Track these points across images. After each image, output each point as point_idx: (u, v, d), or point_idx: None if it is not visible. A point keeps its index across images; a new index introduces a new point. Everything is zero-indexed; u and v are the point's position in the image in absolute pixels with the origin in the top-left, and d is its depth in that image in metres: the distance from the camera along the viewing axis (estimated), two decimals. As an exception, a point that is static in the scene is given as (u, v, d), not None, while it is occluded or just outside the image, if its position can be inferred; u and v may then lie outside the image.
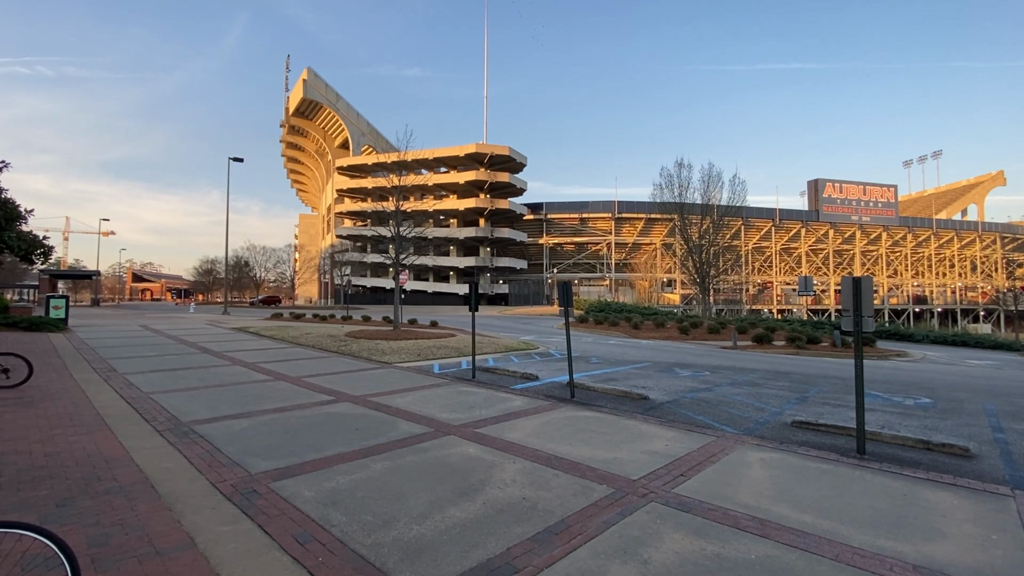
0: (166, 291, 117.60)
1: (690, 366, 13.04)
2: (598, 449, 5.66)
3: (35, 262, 13.33)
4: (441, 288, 64.27)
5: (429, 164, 64.57)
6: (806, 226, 74.69)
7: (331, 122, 74.82)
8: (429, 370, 11.36)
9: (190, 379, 9.74)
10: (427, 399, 8.20)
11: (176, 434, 6.03)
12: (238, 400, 7.94)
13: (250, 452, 5.36)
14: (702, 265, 26.07)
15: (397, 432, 6.21)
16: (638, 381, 10.43)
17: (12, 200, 12.66)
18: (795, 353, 17.71)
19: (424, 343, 15.72)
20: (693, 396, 8.95)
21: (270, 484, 4.48)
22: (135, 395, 8.20)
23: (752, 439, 6.23)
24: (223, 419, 6.77)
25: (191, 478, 4.61)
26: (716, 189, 26.98)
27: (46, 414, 6.74)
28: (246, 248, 65.98)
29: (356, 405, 7.70)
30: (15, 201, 12.81)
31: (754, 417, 7.50)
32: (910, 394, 9.65)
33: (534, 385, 9.72)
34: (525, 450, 5.56)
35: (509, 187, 63.83)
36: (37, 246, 12.78)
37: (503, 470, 4.92)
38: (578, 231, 73.31)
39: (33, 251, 12.74)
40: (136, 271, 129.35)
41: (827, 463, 5.35)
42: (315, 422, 6.66)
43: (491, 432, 6.27)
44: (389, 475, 4.74)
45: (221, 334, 19.30)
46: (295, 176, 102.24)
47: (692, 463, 5.24)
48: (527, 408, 7.69)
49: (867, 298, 5.73)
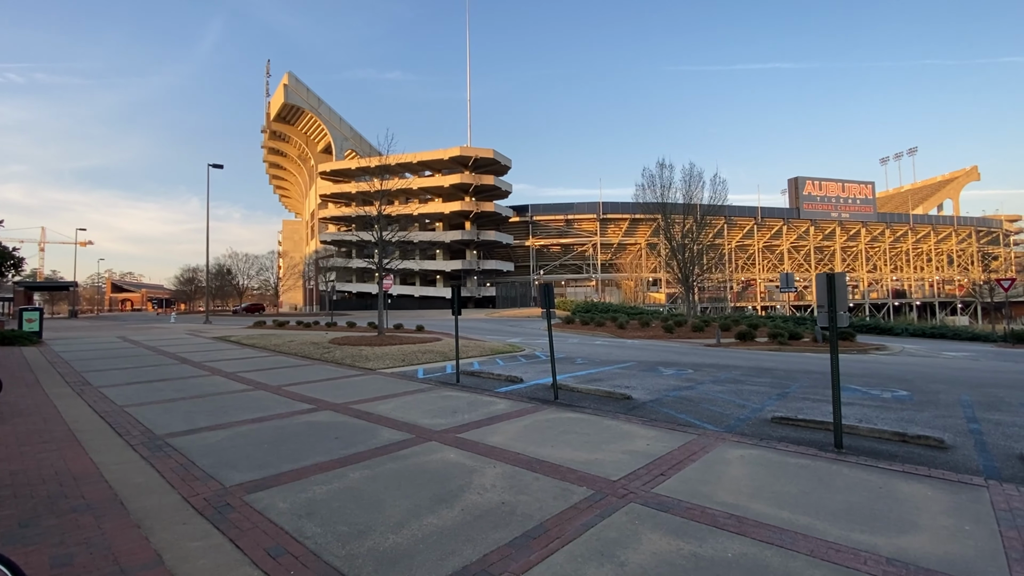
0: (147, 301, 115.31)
1: (674, 364, 13.12)
2: (579, 451, 5.64)
3: (5, 275, 12.95)
4: (428, 292, 63.97)
5: (413, 168, 64.31)
6: (787, 223, 75.89)
7: (313, 127, 74.18)
8: (413, 375, 11.28)
9: (167, 391, 9.53)
10: (410, 405, 8.13)
11: (149, 448, 5.88)
12: (215, 411, 7.79)
13: (225, 464, 5.25)
14: (685, 264, 26.33)
15: (377, 440, 6.13)
16: (622, 381, 10.46)
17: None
18: (777, 349, 17.94)
19: (409, 348, 15.61)
20: (676, 395, 9.00)
21: (244, 497, 4.39)
22: (109, 409, 8.00)
23: (732, 436, 6.27)
24: (199, 431, 6.63)
25: (162, 493, 4.49)
26: (697, 189, 27.32)
27: (15, 430, 6.53)
28: (228, 256, 65.01)
29: (337, 413, 7.59)
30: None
31: (735, 414, 7.56)
32: (888, 387, 9.81)
33: (518, 388, 9.69)
34: (506, 454, 5.53)
35: (494, 190, 63.84)
36: (6, 258, 12.43)
37: (483, 475, 4.88)
38: (564, 232, 73.58)
39: (3, 263, 12.39)
40: (115, 281, 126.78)
41: (805, 458, 5.40)
42: (294, 432, 6.55)
43: (473, 437, 6.23)
44: (367, 484, 4.68)
45: (201, 344, 18.96)
46: (278, 182, 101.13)
47: (672, 462, 5.25)
48: (510, 411, 7.66)
49: (841, 294, 5.80)
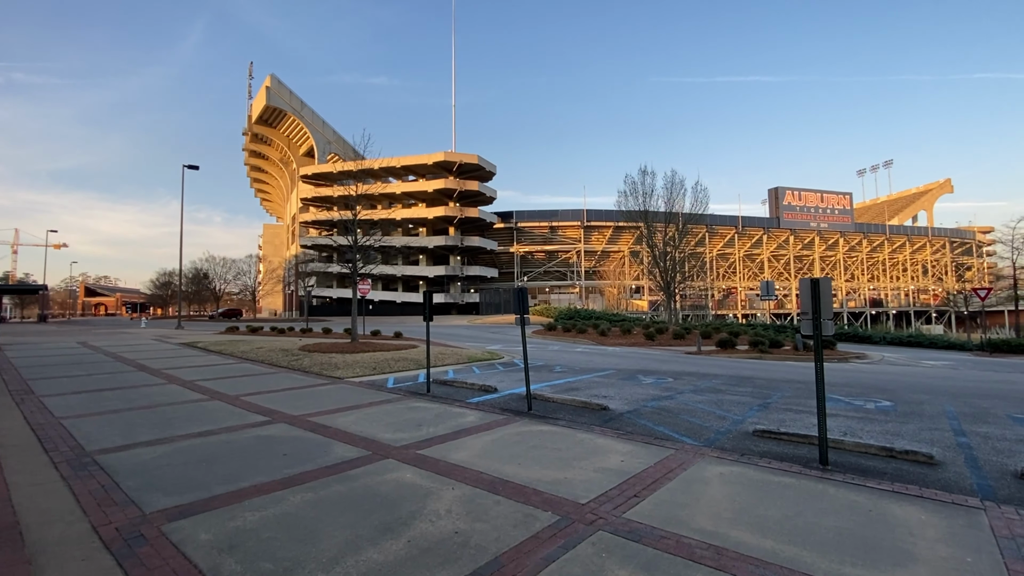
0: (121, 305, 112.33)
1: (654, 373, 12.80)
2: (548, 468, 5.22)
3: None
4: (410, 298, 63.21)
5: (397, 172, 63.71)
6: (768, 233, 76.92)
7: (296, 130, 73.15)
8: (383, 385, 10.75)
9: (114, 401, 8.87)
10: (372, 417, 7.62)
11: (73, 466, 5.30)
12: (161, 423, 7.19)
13: (152, 486, 4.70)
14: (667, 271, 26.20)
15: (329, 457, 5.63)
16: (600, 390, 10.08)
17: None
18: (758, 357, 17.78)
19: (382, 355, 15.05)
20: (654, 405, 8.64)
21: (163, 526, 3.86)
22: (44, 421, 7.35)
23: (712, 451, 5.90)
24: (135, 446, 6.05)
25: (71, 521, 3.95)
26: (679, 196, 27.29)
27: (-77, 448, 5.88)
28: (205, 259, 63.43)
29: (291, 427, 7.06)
30: None
31: (715, 426, 7.21)
32: (870, 397, 9.59)
33: (491, 398, 9.25)
34: (468, 473, 5.08)
35: (479, 196, 63.52)
36: None
37: (439, 498, 4.42)
38: (548, 239, 73.56)
39: None
40: (89, 285, 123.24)
41: (789, 476, 5.05)
42: (240, 447, 6.01)
43: (435, 453, 5.76)
44: (307, 509, 4.18)
45: (165, 350, 18.12)
46: (259, 185, 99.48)
47: (648, 481, 4.85)
48: (480, 424, 7.20)
49: (826, 300, 5.50)
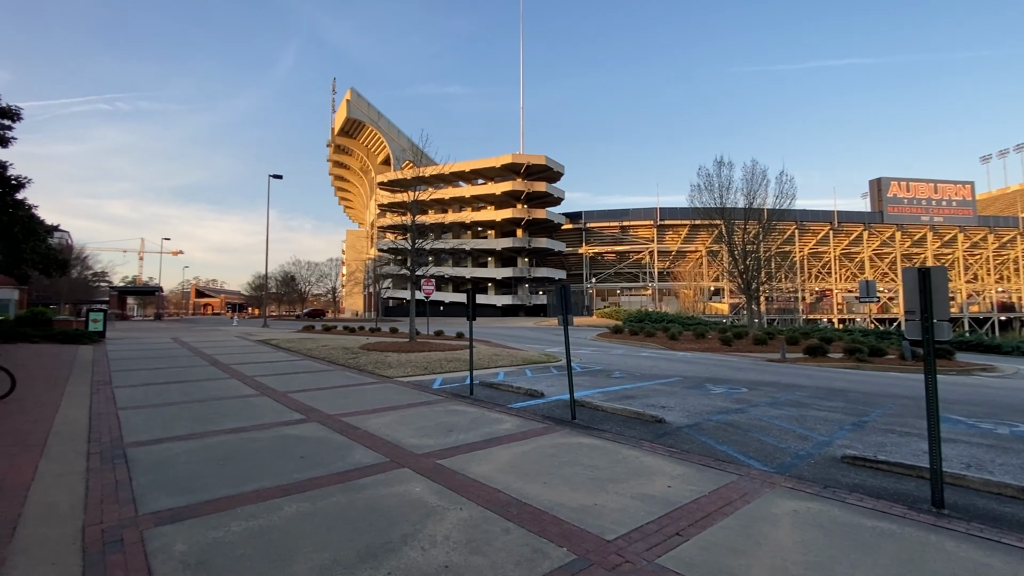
0: (225, 306, 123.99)
1: (725, 382, 11.45)
2: (577, 491, 4.47)
3: (52, 275, 13.57)
4: (479, 299, 63.71)
5: (466, 176, 64.76)
6: (868, 228, 69.28)
7: (374, 140, 76.79)
8: (429, 385, 10.44)
9: (173, 394, 9.25)
10: (405, 420, 7.24)
11: (103, 459, 5.34)
12: (203, 418, 7.27)
13: (159, 485, 4.55)
14: (746, 271, 23.98)
15: (345, 462, 5.26)
16: (659, 399, 9.06)
17: (36, 216, 12.95)
18: (855, 367, 15.56)
19: (436, 355, 14.86)
20: (720, 419, 7.53)
21: (147, 530, 3.62)
22: (104, 411, 7.72)
23: (786, 480, 4.84)
24: (168, 440, 6.07)
25: (66, 517, 3.83)
26: (761, 188, 24.84)
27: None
28: (292, 263, 68.18)
29: (321, 426, 6.84)
30: (39, 217, 13.11)
31: (793, 448, 6.05)
32: (1003, 419, 7.79)
33: (535, 404, 8.58)
34: (483, 491, 4.46)
35: (546, 196, 62.91)
36: (53, 261, 12.99)
37: (441, 520, 3.84)
38: (619, 240, 71.31)
39: (50, 265, 12.95)
40: (199, 287, 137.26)
41: (889, 520, 3.93)
42: (263, 447, 5.83)
43: (455, 464, 5.21)
44: (296, 523, 3.78)
45: (242, 347, 19.25)
46: (342, 193, 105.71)
47: (697, 515, 3.97)
48: (515, 432, 6.57)
49: (940, 296, 4.28)
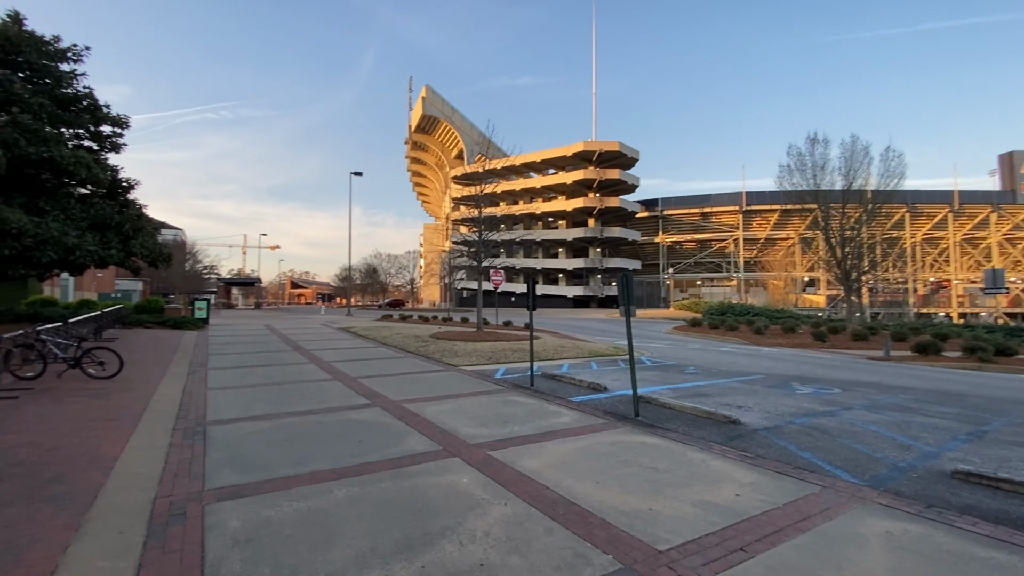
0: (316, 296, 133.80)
1: (815, 381, 10.37)
2: (632, 493, 4.15)
3: (158, 266, 15.22)
4: (549, 291, 63.56)
5: (537, 167, 64.46)
6: (998, 210, 60.17)
7: (448, 135, 78.65)
8: (491, 375, 10.42)
9: (257, 376, 9.96)
10: (463, 409, 7.22)
11: (185, 435, 5.80)
12: (278, 400, 7.73)
13: (228, 462, 4.84)
14: (845, 260, 21.68)
15: (399, 448, 5.30)
16: (735, 398, 8.36)
17: (144, 214, 14.59)
18: (976, 367, 13.50)
19: (502, 345, 14.87)
20: (805, 422, 6.76)
21: (207, 505, 3.82)
22: (195, 390, 8.46)
23: (880, 495, 4.19)
24: (244, 420, 6.48)
25: (141, 489, 4.14)
26: (862, 167, 22.25)
27: (102, 405, 7.05)
28: (374, 256, 71.89)
29: (383, 411, 6.99)
30: (147, 215, 14.77)
31: (892, 459, 5.26)
32: None
33: (598, 398, 8.24)
34: (531, 486, 4.27)
35: (620, 184, 61.02)
36: (159, 254, 14.56)
37: (484, 515, 3.71)
38: (700, 227, 67.66)
39: (157, 258, 14.54)
40: (294, 279, 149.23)
41: (1007, 551, 3.24)
42: (325, 430, 6.04)
43: (506, 457, 5.06)
44: (343, 507, 3.82)
45: (325, 334, 20.51)
46: (419, 188, 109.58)
47: (767, 529, 3.52)
48: (572, 427, 6.32)
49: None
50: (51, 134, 11.18)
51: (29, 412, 6.48)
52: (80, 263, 12.05)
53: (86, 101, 13.06)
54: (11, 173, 11.22)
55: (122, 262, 13.37)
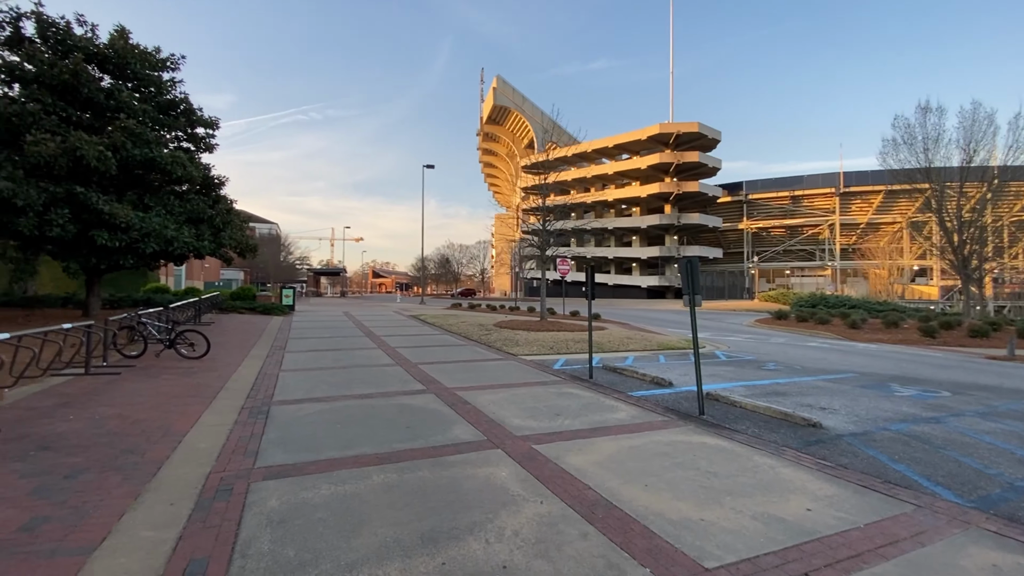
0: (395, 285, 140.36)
1: (919, 382, 9.08)
2: (683, 499, 3.76)
3: (245, 256, 16.47)
4: (622, 280, 61.82)
5: (609, 152, 62.60)
6: None
7: (519, 125, 78.53)
8: (550, 365, 10.18)
9: (326, 359, 10.45)
10: (515, 399, 7.06)
11: (251, 413, 6.14)
12: (341, 383, 8.02)
13: (281, 442, 5.02)
14: (962, 246, 18.94)
15: (443, 437, 5.25)
16: (819, 399, 7.50)
17: (233, 208, 15.87)
18: None
19: (564, 335, 14.55)
20: (902, 429, 5.88)
21: (253, 483, 3.96)
22: (270, 372, 9.01)
23: (989, 520, 3.48)
24: (307, 401, 6.77)
25: (200, 464, 4.38)
26: (986, 138, 19.22)
27: (187, 383, 7.68)
28: (446, 247, 73.87)
29: (436, 398, 7.01)
30: (236, 208, 16.05)
31: (1008, 476, 4.39)
32: None
33: (660, 393, 7.73)
34: (573, 485, 4.01)
35: (699, 167, 57.67)
36: (246, 245, 15.79)
37: (517, 512, 3.51)
38: (789, 212, 62.50)
39: (244, 249, 15.77)
40: (375, 269, 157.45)
41: None
42: (378, 414, 6.14)
43: (551, 451, 4.83)
44: (377, 494, 3.79)
45: (396, 321, 21.28)
46: (491, 180, 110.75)
47: (843, 553, 3.01)
48: (628, 423, 5.94)
49: None
50: (152, 136, 12.41)
51: (125, 387, 7.19)
52: (178, 253, 13.37)
53: (182, 106, 14.38)
54: (122, 173, 12.60)
55: (213, 252, 14.64)
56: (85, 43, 12.71)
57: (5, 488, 3.67)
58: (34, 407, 5.94)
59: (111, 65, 12.93)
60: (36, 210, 10.74)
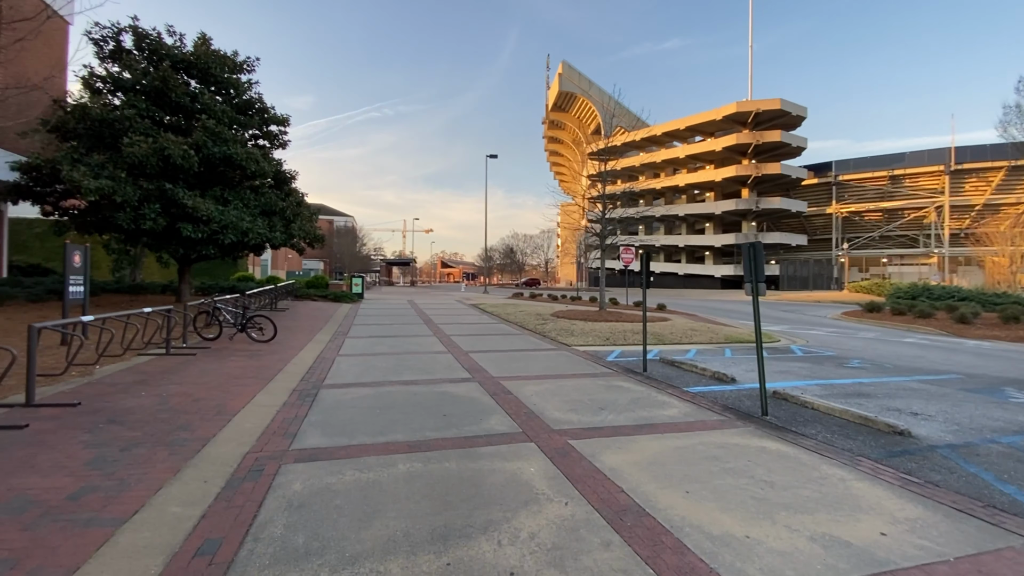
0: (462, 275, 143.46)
1: (1044, 387, 7.71)
2: (729, 511, 3.34)
3: (313, 247, 17.32)
4: (694, 270, 58.98)
5: (681, 135, 59.59)
6: None
7: (585, 111, 76.79)
8: (603, 356, 9.77)
9: (382, 345, 10.71)
10: (560, 391, 6.79)
11: (300, 396, 6.34)
12: (391, 368, 8.14)
13: (320, 425, 5.11)
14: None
15: (478, 427, 5.10)
16: (911, 402, 6.57)
17: (303, 200, 16.74)
18: None
19: (624, 326, 13.97)
20: (1015, 442, 4.96)
21: (284, 465, 4.02)
22: (327, 356, 9.35)
23: None
24: (354, 386, 6.91)
25: (242, 443, 4.53)
26: None
27: (250, 365, 8.12)
28: (511, 237, 74.15)
29: (480, 387, 6.90)
30: (306, 201, 16.92)
31: None
32: None
33: (720, 390, 7.13)
34: (604, 486, 3.70)
35: (781, 148, 53.43)
36: (314, 236, 16.61)
37: (538, 512, 3.27)
38: (887, 194, 56.46)
39: (313, 240, 16.61)
40: (444, 259, 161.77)
41: None
42: (419, 400, 6.12)
43: (587, 448, 4.53)
44: (399, 483, 3.70)
45: (456, 309, 21.58)
46: (556, 168, 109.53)
47: (921, 593, 2.50)
48: (678, 421, 5.49)
49: None
50: (229, 135, 13.30)
51: (196, 367, 7.72)
52: (253, 244, 14.32)
53: (257, 105, 15.30)
54: (206, 170, 13.62)
55: (284, 243, 15.55)
56: (174, 51, 13.84)
57: (68, 457, 3.98)
58: (116, 383, 6.51)
59: (195, 70, 13.98)
60: (132, 205, 11.88)
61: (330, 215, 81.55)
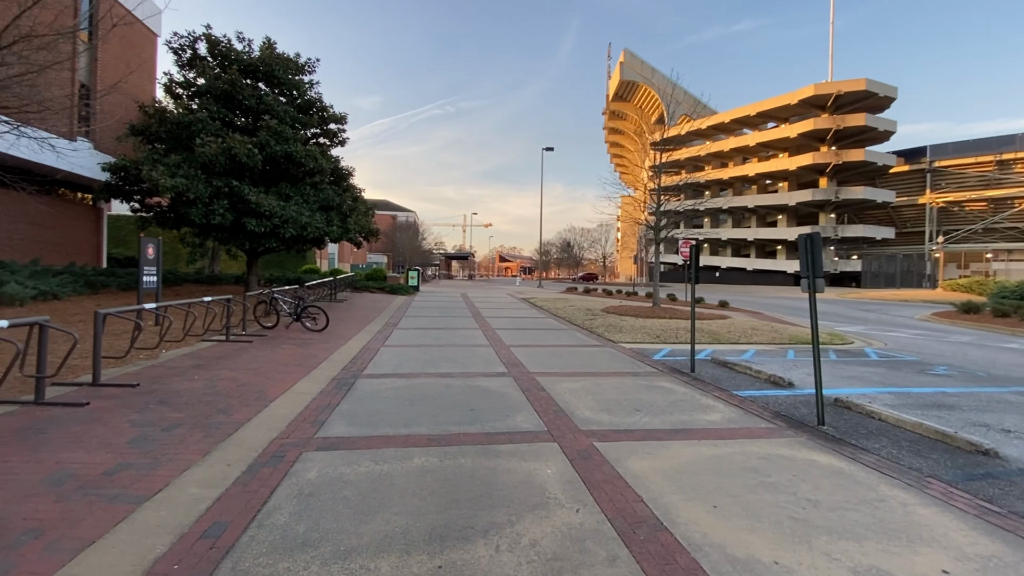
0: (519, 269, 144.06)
1: None
2: (760, 531, 3.00)
3: (368, 240, 17.88)
4: (763, 265, 55.60)
5: (751, 121, 56.13)
6: None
7: (647, 99, 74.26)
8: (650, 355, 9.34)
9: (427, 337, 10.85)
10: (596, 389, 6.52)
11: (338, 384, 6.50)
12: (430, 360, 8.20)
13: (349, 414, 5.19)
14: None
15: (504, 423, 4.98)
16: (1002, 417, 5.72)
17: (360, 196, 17.34)
18: None
19: (676, 323, 13.32)
20: None
21: (304, 453, 4.09)
22: (373, 346, 9.58)
23: None
24: (391, 376, 7.00)
25: (271, 429, 4.67)
26: None
27: (299, 353, 8.47)
28: (568, 231, 73.37)
29: (513, 382, 6.77)
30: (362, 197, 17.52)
31: None
32: None
33: (774, 394, 6.57)
34: (623, 495, 3.46)
35: (865, 132, 48.96)
36: (369, 230, 17.16)
37: (545, 518, 3.10)
38: (992, 182, 50.35)
39: (368, 234, 17.17)
40: (502, 254, 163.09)
41: None
42: (448, 394, 6.09)
43: (612, 452, 4.28)
44: (410, 478, 3.65)
45: (506, 303, 21.57)
46: (617, 160, 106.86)
47: (985, 650, 2.08)
48: (720, 427, 5.09)
49: None
50: (290, 134, 13.97)
51: (250, 354, 8.15)
52: (312, 237, 15.01)
53: (317, 104, 15.98)
54: (270, 167, 14.41)
55: (341, 236, 16.19)
56: (242, 57, 14.72)
57: (114, 435, 4.27)
58: (175, 366, 6.98)
59: (260, 73, 14.79)
60: (203, 201, 12.78)
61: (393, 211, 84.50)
